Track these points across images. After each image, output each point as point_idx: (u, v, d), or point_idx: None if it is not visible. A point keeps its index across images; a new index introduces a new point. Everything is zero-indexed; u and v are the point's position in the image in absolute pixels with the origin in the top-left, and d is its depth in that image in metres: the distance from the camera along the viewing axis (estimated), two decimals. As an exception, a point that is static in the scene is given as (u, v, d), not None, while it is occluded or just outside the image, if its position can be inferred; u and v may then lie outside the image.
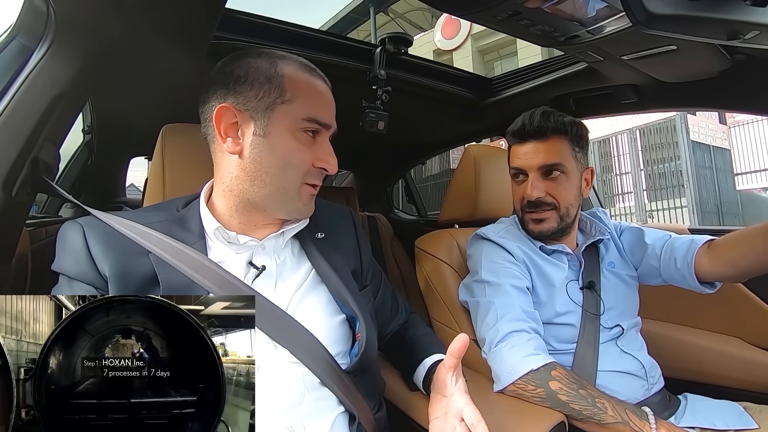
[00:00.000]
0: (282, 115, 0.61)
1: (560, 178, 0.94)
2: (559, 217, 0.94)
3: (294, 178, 0.63)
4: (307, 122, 0.62)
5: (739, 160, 7.35)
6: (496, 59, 10.77)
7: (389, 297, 0.86)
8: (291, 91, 0.61)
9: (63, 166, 1.66)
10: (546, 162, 0.93)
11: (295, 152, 0.62)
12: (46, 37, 0.73)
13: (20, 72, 0.72)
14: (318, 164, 0.64)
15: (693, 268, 0.90)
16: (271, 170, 0.61)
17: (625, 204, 7.42)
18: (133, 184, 2.98)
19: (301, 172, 0.63)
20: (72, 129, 0.88)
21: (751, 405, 0.88)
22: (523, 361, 0.78)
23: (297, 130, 0.62)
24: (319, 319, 0.64)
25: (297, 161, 0.62)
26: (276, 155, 0.61)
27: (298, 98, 0.62)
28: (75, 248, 0.58)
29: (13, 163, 0.69)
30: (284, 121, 0.61)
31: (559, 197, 0.94)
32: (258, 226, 0.67)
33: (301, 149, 0.62)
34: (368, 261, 0.81)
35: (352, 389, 0.63)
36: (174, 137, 0.83)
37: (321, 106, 0.64)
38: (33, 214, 1.39)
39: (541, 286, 0.94)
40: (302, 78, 0.64)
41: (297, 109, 0.61)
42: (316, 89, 0.65)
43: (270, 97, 0.61)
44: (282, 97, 0.61)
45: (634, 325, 0.97)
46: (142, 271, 0.58)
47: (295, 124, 0.61)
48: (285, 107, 0.61)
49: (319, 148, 0.64)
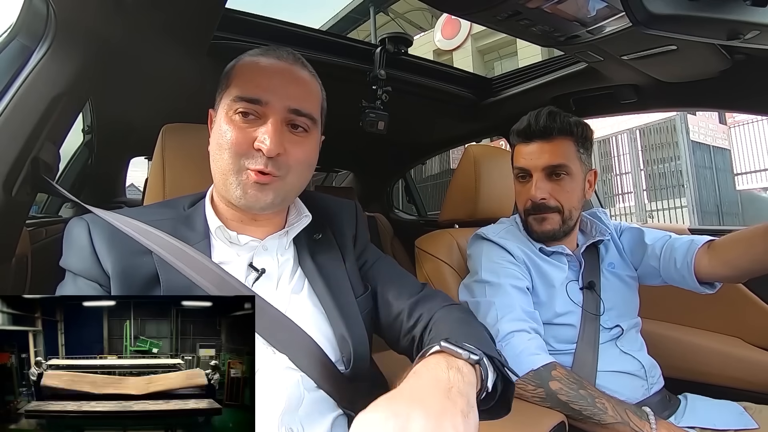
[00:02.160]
0: (222, 102, 0.62)
1: (565, 180, 0.93)
2: (562, 220, 0.94)
3: (227, 160, 0.59)
4: (235, 102, 0.60)
5: (739, 160, 7.35)
6: (496, 59, 10.77)
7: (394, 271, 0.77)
8: (232, 76, 0.62)
9: (63, 166, 1.66)
10: (551, 162, 0.93)
11: (228, 132, 0.60)
12: (46, 37, 0.73)
13: (20, 72, 0.72)
14: (255, 145, 0.59)
15: (693, 269, 0.90)
16: (213, 157, 0.62)
17: (625, 204, 7.42)
18: (133, 184, 2.98)
19: (235, 154, 0.59)
20: (72, 129, 0.88)
21: (751, 405, 0.88)
22: (523, 361, 0.78)
23: (230, 112, 0.61)
24: (318, 323, 0.64)
25: (226, 142, 0.59)
26: (214, 142, 0.62)
27: (233, 82, 0.62)
28: (80, 245, 0.58)
29: (13, 163, 0.69)
30: (222, 107, 0.62)
31: (563, 200, 0.93)
32: (245, 222, 0.65)
33: (234, 130, 0.60)
34: (365, 247, 0.77)
35: (352, 392, 0.63)
36: (174, 137, 0.83)
37: (253, 82, 0.60)
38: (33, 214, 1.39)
39: (541, 286, 0.93)
40: (246, 63, 0.63)
41: (230, 92, 0.61)
42: (253, 67, 0.62)
43: (220, 89, 0.63)
44: (226, 85, 0.62)
45: (633, 326, 0.97)
46: (144, 269, 0.58)
47: (229, 107, 0.61)
48: (225, 93, 0.62)
49: (261, 130, 0.59)
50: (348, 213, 0.78)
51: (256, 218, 0.66)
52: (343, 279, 0.69)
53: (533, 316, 0.87)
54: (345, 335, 0.63)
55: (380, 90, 1.11)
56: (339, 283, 0.68)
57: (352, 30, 10.77)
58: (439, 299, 0.70)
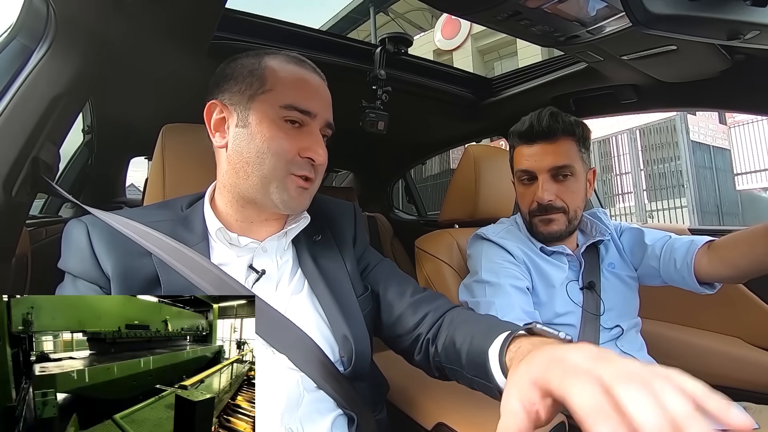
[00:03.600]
0: (262, 104, 0.61)
1: (569, 181, 0.93)
2: (568, 220, 0.94)
3: (275, 166, 0.60)
4: (286, 110, 0.61)
5: (739, 160, 7.35)
6: (496, 59, 10.78)
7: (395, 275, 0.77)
8: (271, 80, 0.61)
9: (63, 166, 1.65)
10: (556, 163, 0.93)
11: (275, 140, 0.60)
12: (46, 37, 0.73)
13: (20, 72, 0.72)
14: (304, 154, 0.62)
15: (693, 269, 0.90)
16: (251, 159, 0.61)
17: (625, 204, 7.42)
18: (133, 184, 2.98)
19: (283, 161, 0.60)
20: (72, 129, 0.88)
21: (751, 405, 0.88)
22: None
23: (278, 119, 0.61)
24: (318, 324, 0.64)
25: (276, 149, 0.60)
26: (254, 144, 0.60)
27: (278, 86, 0.61)
28: (79, 246, 0.58)
29: (13, 163, 0.69)
30: (264, 110, 0.61)
31: (568, 201, 0.94)
32: (255, 223, 0.66)
33: (282, 137, 0.60)
34: (365, 250, 0.78)
35: (352, 393, 0.63)
36: (174, 137, 0.83)
37: (303, 93, 0.62)
38: (33, 214, 1.39)
39: (541, 286, 0.93)
40: (285, 68, 0.63)
41: (276, 97, 0.61)
42: (298, 77, 0.63)
43: (251, 89, 0.61)
44: (262, 87, 0.61)
45: (633, 326, 0.97)
46: (144, 271, 0.58)
47: (275, 112, 0.60)
48: (265, 96, 0.61)
49: (307, 138, 0.62)
50: (347, 215, 0.78)
51: (269, 219, 0.67)
52: (344, 279, 0.70)
53: (533, 316, 0.87)
54: (347, 335, 0.63)
55: (380, 90, 1.11)
56: (340, 283, 0.68)
57: (352, 30, 10.78)
58: (442, 299, 0.71)
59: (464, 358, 0.57)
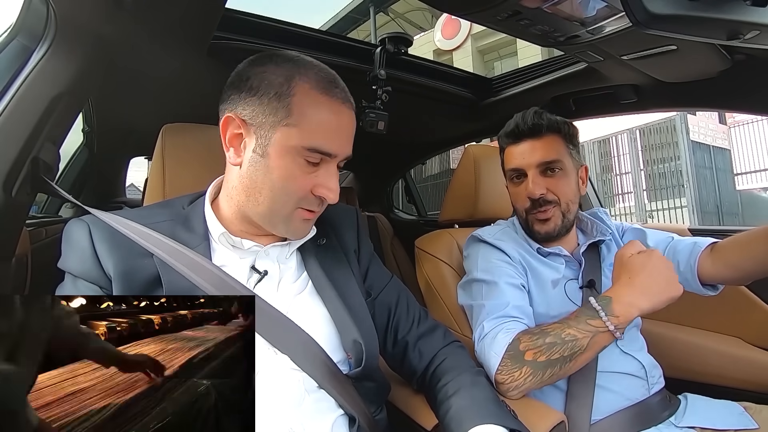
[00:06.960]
0: (283, 138, 0.57)
1: (559, 175, 0.94)
2: (562, 214, 0.94)
3: (287, 202, 0.60)
4: (308, 151, 0.58)
5: (739, 160, 7.35)
6: (496, 59, 10.77)
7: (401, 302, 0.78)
8: (298, 114, 0.57)
9: (63, 166, 1.66)
10: (544, 159, 0.93)
11: (292, 178, 0.59)
12: (46, 37, 0.73)
13: (20, 72, 0.72)
14: (317, 192, 0.61)
15: (696, 271, 0.90)
16: (265, 191, 0.59)
17: (625, 204, 7.42)
18: (133, 184, 2.98)
19: (295, 198, 0.60)
20: (72, 129, 0.88)
21: (751, 405, 0.88)
22: (495, 350, 0.79)
23: (298, 156, 0.58)
24: (320, 324, 0.64)
25: (292, 187, 0.59)
26: (271, 177, 0.58)
27: (304, 123, 0.57)
28: (80, 246, 0.58)
29: (13, 163, 0.69)
30: (285, 144, 0.58)
31: (559, 193, 0.94)
32: (258, 234, 0.66)
33: (298, 176, 0.59)
34: (369, 264, 0.79)
35: (353, 393, 0.63)
36: (174, 137, 0.83)
37: (329, 136, 0.59)
38: (33, 214, 1.39)
39: (535, 287, 0.93)
40: (314, 101, 0.58)
41: (300, 134, 0.57)
42: (326, 119, 0.59)
43: (276, 116, 0.57)
44: (288, 118, 0.57)
45: (634, 326, 0.97)
46: (145, 271, 0.58)
47: (296, 149, 0.58)
48: (288, 130, 0.57)
49: (323, 175, 0.60)
50: (349, 220, 0.79)
51: (259, 233, 0.66)
52: (351, 281, 0.70)
53: (522, 310, 0.86)
54: (357, 338, 0.63)
55: (380, 90, 1.11)
56: (348, 285, 0.69)
57: (352, 30, 10.77)
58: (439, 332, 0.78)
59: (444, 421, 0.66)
